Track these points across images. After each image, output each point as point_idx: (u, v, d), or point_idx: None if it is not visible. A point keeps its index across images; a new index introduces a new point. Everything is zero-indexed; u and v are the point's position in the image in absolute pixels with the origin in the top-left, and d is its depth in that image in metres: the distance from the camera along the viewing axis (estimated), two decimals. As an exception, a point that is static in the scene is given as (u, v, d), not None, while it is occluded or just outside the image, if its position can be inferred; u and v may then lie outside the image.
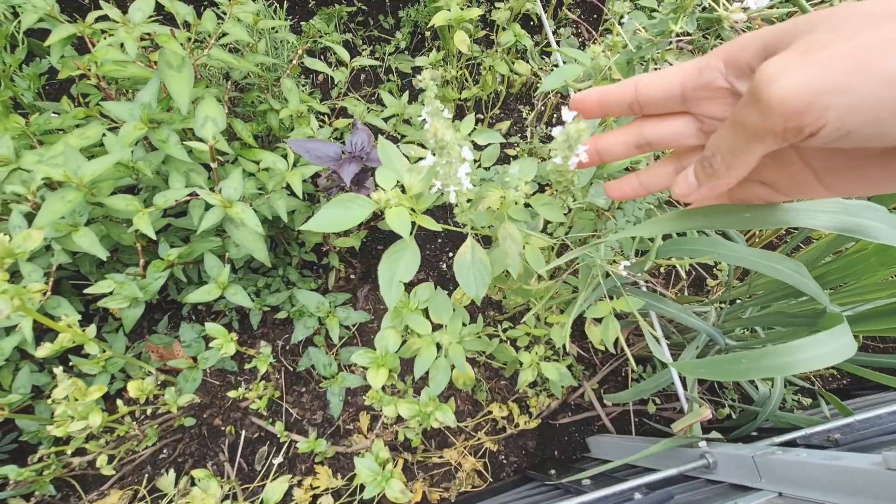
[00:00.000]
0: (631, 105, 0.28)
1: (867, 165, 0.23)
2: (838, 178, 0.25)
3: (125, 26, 0.62)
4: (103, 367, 0.76)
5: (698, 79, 0.25)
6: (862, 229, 0.36)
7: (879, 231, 0.36)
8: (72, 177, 0.60)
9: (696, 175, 0.27)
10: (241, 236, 0.67)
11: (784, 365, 0.45)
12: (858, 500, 0.51)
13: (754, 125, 0.21)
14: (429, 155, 0.39)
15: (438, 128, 0.34)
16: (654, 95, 0.27)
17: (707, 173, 0.26)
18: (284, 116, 0.89)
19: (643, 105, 0.27)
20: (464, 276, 0.48)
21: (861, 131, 0.19)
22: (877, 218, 0.36)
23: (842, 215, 0.36)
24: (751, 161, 0.23)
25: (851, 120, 0.19)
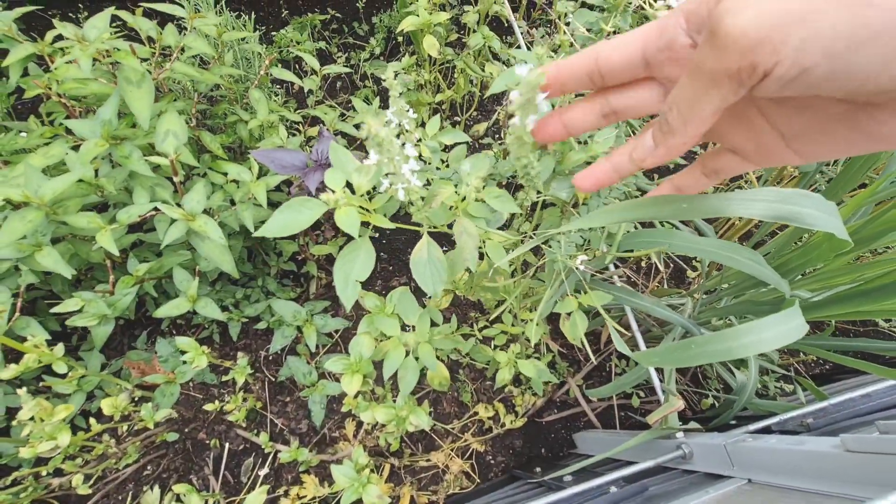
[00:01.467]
0: (591, 76, 0.26)
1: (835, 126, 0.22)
2: (807, 142, 0.24)
3: (80, 44, 0.62)
4: (78, 385, 0.76)
5: (659, 39, 0.23)
6: (797, 217, 0.36)
7: (814, 218, 0.37)
8: (32, 196, 0.60)
9: (653, 136, 0.26)
10: (206, 249, 0.67)
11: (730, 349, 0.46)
12: (821, 482, 0.51)
13: (711, 67, 0.20)
14: (372, 153, 0.40)
15: (372, 125, 0.34)
16: (615, 63, 0.25)
17: (663, 131, 0.24)
18: (254, 127, 0.90)
19: (605, 75, 0.26)
20: (420, 273, 0.48)
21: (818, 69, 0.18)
22: (811, 205, 0.36)
23: (777, 203, 0.37)
24: (706, 113, 0.22)
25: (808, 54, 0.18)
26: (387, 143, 0.33)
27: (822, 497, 0.48)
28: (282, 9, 1.63)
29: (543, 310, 0.69)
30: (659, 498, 0.64)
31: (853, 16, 0.17)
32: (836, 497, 0.47)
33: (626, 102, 0.27)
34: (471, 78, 1.36)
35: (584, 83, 0.27)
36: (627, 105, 0.27)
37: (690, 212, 0.37)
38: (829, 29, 0.17)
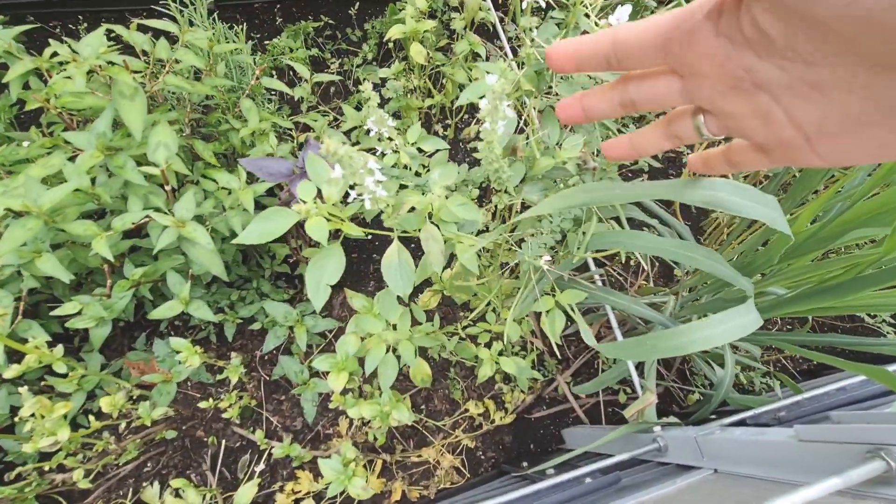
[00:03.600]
0: (608, 59, 0.25)
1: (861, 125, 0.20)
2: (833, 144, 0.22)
3: (75, 61, 0.65)
4: (78, 384, 0.80)
5: (680, 26, 0.23)
6: (720, 203, 0.39)
7: (739, 205, 0.39)
8: (31, 206, 0.63)
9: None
10: (196, 253, 0.70)
11: (682, 344, 0.49)
12: (776, 470, 0.54)
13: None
14: (336, 167, 0.43)
15: (329, 144, 0.37)
16: (632, 46, 0.24)
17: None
18: (245, 135, 0.93)
19: (621, 59, 0.25)
20: (391, 276, 0.51)
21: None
22: (737, 194, 0.39)
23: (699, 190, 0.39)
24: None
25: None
26: (346, 159, 0.36)
27: (772, 483, 0.50)
28: (276, 16, 1.67)
29: (519, 308, 0.72)
30: (630, 488, 0.66)
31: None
32: (785, 483, 0.50)
33: (645, 92, 0.26)
34: (460, 83, 1.39)
35: (601, 64, 0.26)
36: (645, 96, 0.26)
37: (622, 197, 0.41)
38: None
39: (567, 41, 0.26)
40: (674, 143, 0.30)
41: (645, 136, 0.30)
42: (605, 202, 0.36)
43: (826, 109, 0.21)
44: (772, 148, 0.25)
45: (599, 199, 0.37)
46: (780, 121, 0.23)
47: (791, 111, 0.22)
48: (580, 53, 0.26)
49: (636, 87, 0.27)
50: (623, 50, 0.24)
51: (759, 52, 0.20)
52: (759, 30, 0.19)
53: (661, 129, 0.29)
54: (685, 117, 0.27)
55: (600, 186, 0.36)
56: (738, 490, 0.52)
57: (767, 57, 0.20)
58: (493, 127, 0.38)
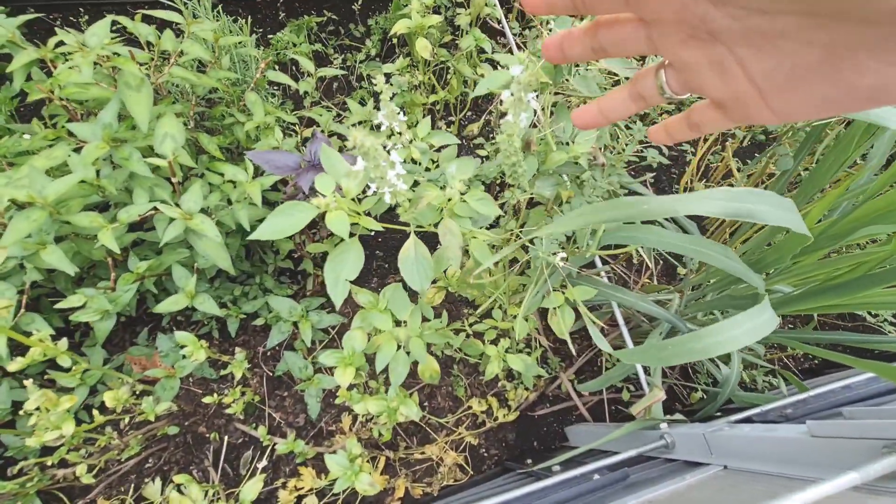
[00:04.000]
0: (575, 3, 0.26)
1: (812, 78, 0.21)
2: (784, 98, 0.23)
3: (81, 51, 0.64)
4: (81, 379, 0.79)
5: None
6: (750, 213, 0.39)
7: (765, 213, 0.39)
8: (36, 197, 0.62)
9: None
10: (203, 246, 0.70)
11: (704, 348, 0.49)
12: (788, 466, 0.54)
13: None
14: (359, 160, 0.42)
15: (357, 136, 0.37)
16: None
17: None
18: (250, 129, 0.92)
19: (587, 3, 0.26)
20: (408, 271, 0.51)
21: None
22: (762, 201, 0.39)
23: (732, 202, 0.39)
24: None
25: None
26: (373, 151, 0.36)
27: (786, 479, 0.50)
28: (279, 11, 1.66)
29: (528, 305, 0.71)
30: (639, 484, 0.66)
31: None
32: (798, 479, 0.49)
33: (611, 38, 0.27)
34: (464, 79, 1.39)
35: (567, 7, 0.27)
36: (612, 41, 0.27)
37: (652, 213, 0.40)
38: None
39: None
40: (639, 106, 0.30)
41: (611, 99, 0.31)
42: (635, 218, 0.36)
43: (776, 60, 0.21)
44: (728, 103, 0.26)
45: (630, 216, 0.36)
46: (735, 73, 0.23)
47: (743, 61, 0.23)
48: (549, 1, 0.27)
49: (605, 33, 0.27)
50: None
51: (713, 1, 0.21)
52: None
53: (627, 90, 0.30)
54: (649, 76, 0.28)
55: (633, 202, 0.36)
56: (751, 486, 0.52)
57: (721, 6, 0.21)
58: (516, 119, 0.37)
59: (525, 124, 0.42)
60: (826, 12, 0.18)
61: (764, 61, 0.22)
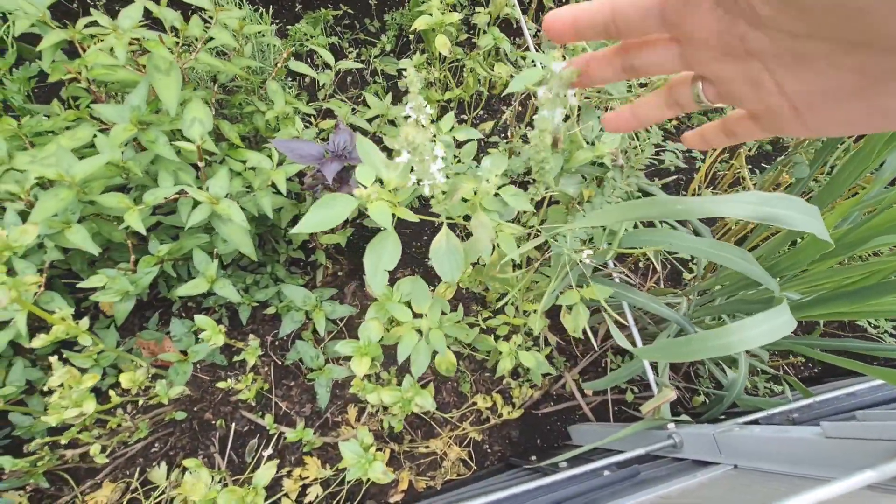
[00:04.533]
0: (607, 27, 0.26)
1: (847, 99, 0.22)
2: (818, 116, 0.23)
3: (115, 32, 0.65)
4: (95, 360, 0.79)
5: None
6: (777, 217, 0.40)
7: (793, 219, 0.40)
8: (64, 176, 0.63)
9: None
10: (228, 232, 0.70)
11: (728, 344, 0.50)
12: (801, 466, 0.55)
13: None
14: (404, 152, 0.43)
15: (409, 132, 0.37)
16: (630, 14, 0.25)
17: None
18: (270, 118, 0.93)
19: (620, 27, 0.25)
20: (440, 261, 0.51)
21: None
22: (791, 207, 0.40)
23: (760, 206, 0.40)
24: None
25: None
26: (421, 146, 0.37)
27: (800, 478, 0.52)
28: (295, 3, 1.66)
29: (546, 301, 0.72)
30: (650, 482, 0.67)
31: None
32: (813, 478, 0.51)
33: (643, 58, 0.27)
34: (479, 77, 1.40)
35: (599, 33, 0.26)
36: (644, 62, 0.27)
37: (686, 213, 0.41)
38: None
39: (565, 9, 0.26)
40: (674, 111, 0.30)
41: (647, 104, 0.31)
42: (666, 217, 0.37)
43: (810, 80, 0.22)
44: (763, 116, 0.26)
45: (661, 215, 0.37)
46: (770, 89, 0.24)
47: (779, 79, 0.23)
48: (579, 22, 0.26)
49: (636, 54, 0.27)
50: (622, 18, 0.25)
51: (750, 22, 0.21)
52: (749, 3, 0.21)
53: (663, 96, 0.30)
54: (685, 85, 0.28)
55: (668, 201, 0.37)
56: (766, 485, 0.53)
57: (758, 27, 0.21)
58: (552, 116, 0.38)
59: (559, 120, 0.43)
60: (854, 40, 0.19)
61: (799, 81, 0.22)
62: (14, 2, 0.72)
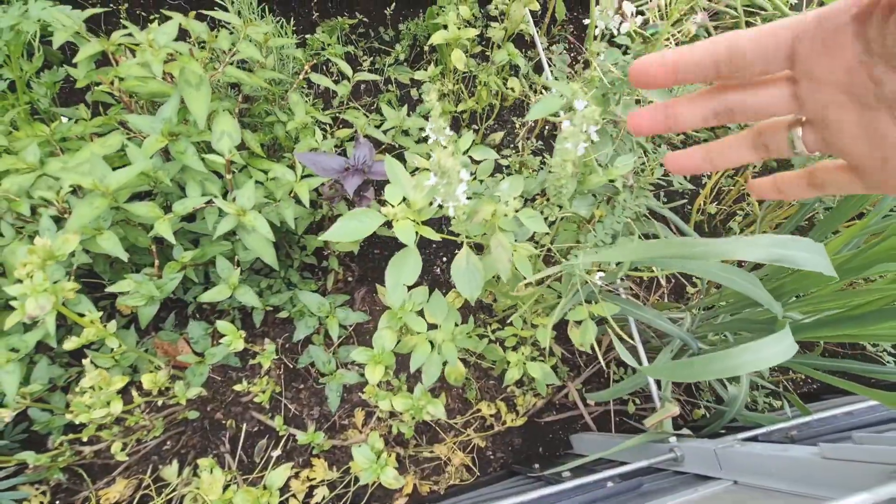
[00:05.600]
0: (718, 66, 0.23)
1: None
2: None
3: (152, 49, 0.68)
4: (116, 361, 0.82)
5: (818, 28, 0.21)
6: (790, 259, 0.43)
7: (805, 260, 0.43)
8: (98, 185, 0.66)
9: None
10: (252, 241, 0.73)
11: (730, 368, 0.53)
12: (799, 484, 0.58)
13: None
14: (432, 175, 0.46)
15: (442, 157, 0.40)
16: (752, 53, 0.23)
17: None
18: (291, 129, 0.95)
19: (736, 67, 0.23)
20: (460, 279, 0.54)
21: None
22: (801, 248, 0.42)
23: (773, 248, 0.43)
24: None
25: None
26: (451, 171, 0.39)
27: (799, 498, 0.54)
28: (312, 11, 1.69)
29: (556, 316, 0.75)
30: (653, 494, 0.70)
31: None
32: (811, 497, 0.53)
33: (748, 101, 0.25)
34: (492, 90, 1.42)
35: (708, 73, 0.24)
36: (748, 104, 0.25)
37: (703, 255, 0.44)
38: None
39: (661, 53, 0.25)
40: (759, 156, 0.28)
41: (726, 147, 0.28)
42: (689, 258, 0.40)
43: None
44: (869, 169, 0.24)
45: (683, 254, 0.40)
46: (892, 141, 0.22)
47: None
48: (682, 63, 0.24)
49: (737, 95, 0.25)
50: (739, 57, 0.23)
51: (891, 65, 0.20)
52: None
53: (749, 140, 0.28)
54: (779, 129, 0.26)
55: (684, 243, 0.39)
56: (765, 502, 0.55)
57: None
58: (576, 148, 0.41)
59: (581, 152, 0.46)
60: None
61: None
62: (52, 14, 0.75)
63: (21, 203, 0.70)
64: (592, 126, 0.42)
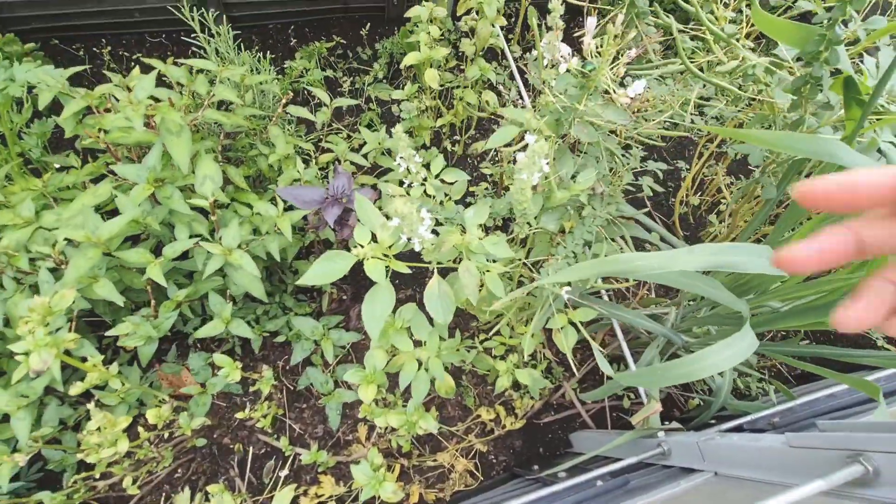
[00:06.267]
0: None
1: None
2: None
3: (132, 105, 0.71)
4: (122, 398, 0.86)
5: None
6: (729, 264, 0.46)
7: (743, 263, 0.46)
8: (91, 237, 0.69)
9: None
10: (239, 278, 0.77)
11: (691, 372, 0.56)
12: (770, 473, 0.61)
13: None
14: (395, 219, 0.49)
15: (397, 205, 0.44)
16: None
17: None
18: (273, 161, 0.99)
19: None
20: (433, 305, 0.58)
21: None
22: (740, 253, 0.45)
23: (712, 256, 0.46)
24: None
25: None
26: (409, 216, 0.43)
27: (768, 485, 0.57)
28: (290, 37, 1.73)
29: (536, 326, 0.78)
30: (639, 490, 0.73)
31: None
32: (779, 484, 0.56)
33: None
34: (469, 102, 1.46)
35: (886, 199, 0.21)
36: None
37: (645, 268, 0.47)
38: None
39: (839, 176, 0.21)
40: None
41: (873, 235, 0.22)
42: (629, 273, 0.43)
43: None
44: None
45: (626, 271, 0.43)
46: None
47: None
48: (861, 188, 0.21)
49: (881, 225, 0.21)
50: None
51: None
52: None
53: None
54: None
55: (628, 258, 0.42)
56: (736, 492, 0.59)
57: None
58: (530, 178, 0.45)
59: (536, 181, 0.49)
60: None
61: None
62: (37, 76, 0.79)
63: (20, 258, 0.74)
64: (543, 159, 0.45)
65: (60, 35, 1.55)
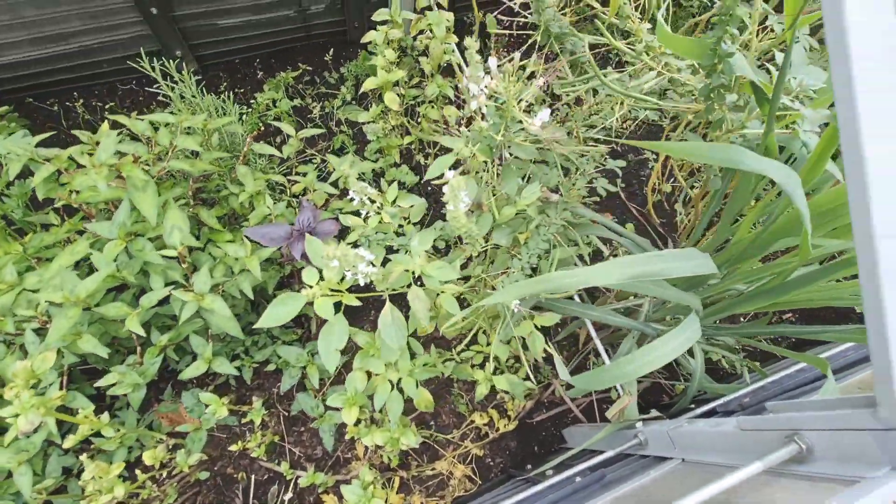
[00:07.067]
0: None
1: None
2: None
3: (96, 168, 0.75)
4: (120, 442, 0.89)
5: None
6: (653, 273, 0.49)
7: (672, 269, 0.49)
8: (69, 297, 0.73)
9: None
10: (214, 321, 0.80)
11: (634, 370, 0.59)
12: (727, 456, 0.64)
13: None
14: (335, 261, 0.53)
15: (330, 251, 0.47)
16: None
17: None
18: (244, 199, 1.03)
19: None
20: (387, 332, 0.61)
21: None
22: (666, 260, 0.49)
23: (630, 268, 0.50)
24: None
25: None
26: (345, 259, 0.46)
27: (720, 468, 0.60)
28: (256, 70, 1.77)
29: (501, 335, 0.82)
30: (614, 483, 0.76)
31: None
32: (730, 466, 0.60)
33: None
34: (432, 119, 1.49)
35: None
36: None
37: (572, 285, 0.51)
38: None
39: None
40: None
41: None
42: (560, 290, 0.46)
43: None
44: None
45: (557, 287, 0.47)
46: None
47: None
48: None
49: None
50: None
51: None
52: None
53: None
54: None
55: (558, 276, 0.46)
56: (696, 477, 0.62)
57: None
58: (456, 207, 0.48)
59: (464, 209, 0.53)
60: None
61: None
62: (5, 146, 0.83)
63: (6, 321, 0.78)
64: (463, 192, 0.49)
65: (34, 93, 1.59)
